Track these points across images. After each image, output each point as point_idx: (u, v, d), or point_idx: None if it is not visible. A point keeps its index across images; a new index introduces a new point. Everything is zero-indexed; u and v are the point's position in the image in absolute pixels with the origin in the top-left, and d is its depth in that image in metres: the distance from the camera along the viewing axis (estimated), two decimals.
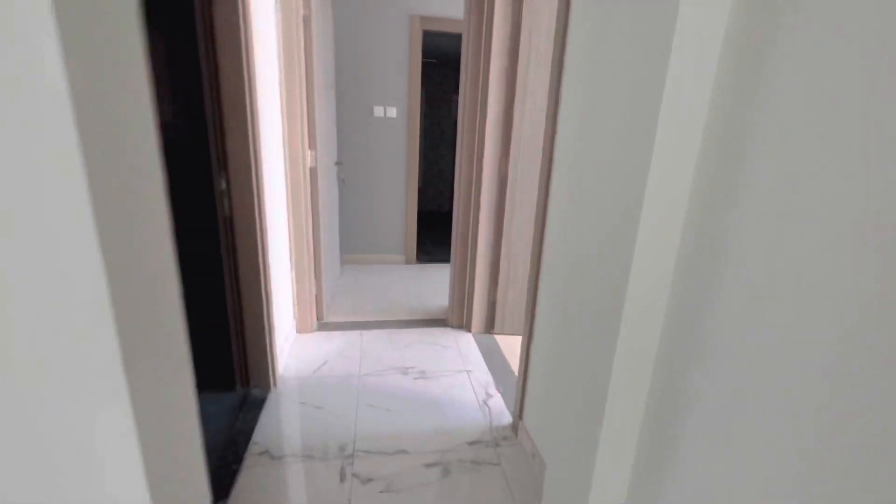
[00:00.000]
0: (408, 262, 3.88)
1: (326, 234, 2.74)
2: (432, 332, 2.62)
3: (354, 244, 3.78)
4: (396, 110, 3.52)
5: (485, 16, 2.19)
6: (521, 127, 2.28)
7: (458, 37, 4.41)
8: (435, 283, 3.46)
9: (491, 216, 2.45)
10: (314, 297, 2.54)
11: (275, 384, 1.99)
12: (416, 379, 2.11)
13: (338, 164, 3.09)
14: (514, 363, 2.30)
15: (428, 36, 3.93)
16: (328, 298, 2.86)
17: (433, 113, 6.17)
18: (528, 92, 2.23)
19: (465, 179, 2.45)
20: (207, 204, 1.76)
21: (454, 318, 2.69)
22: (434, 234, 5.09)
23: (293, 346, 2.37)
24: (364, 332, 2.57)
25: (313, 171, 2.40)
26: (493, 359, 2.34)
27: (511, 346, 2.49)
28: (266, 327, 1.91)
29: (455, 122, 6.17)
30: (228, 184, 1.70)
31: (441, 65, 5.92)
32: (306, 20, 2.17)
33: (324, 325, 2.62)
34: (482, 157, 2.35)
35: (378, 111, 3.49)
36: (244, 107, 1.61)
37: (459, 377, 2.14)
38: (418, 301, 3.07)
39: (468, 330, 2.65)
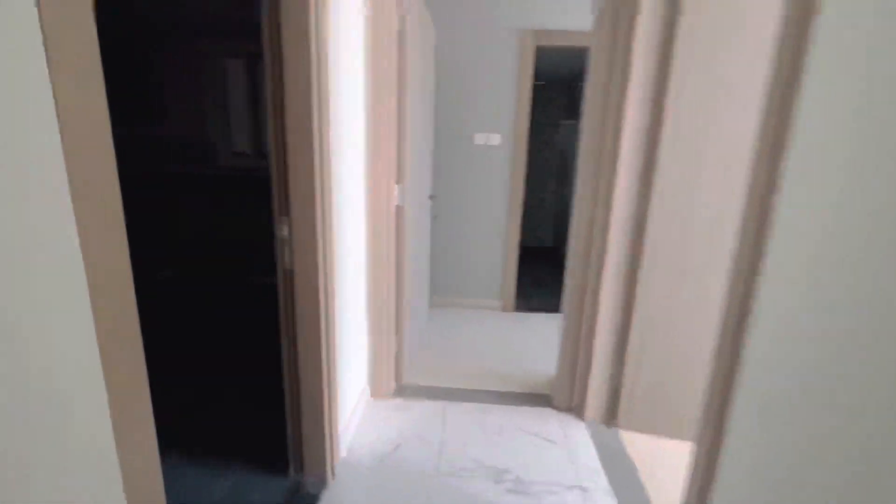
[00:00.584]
0: (504, 308, 3.37)
1: (413, 281, 2.37)
2: (533, 414, 2.05)
3: (445, 286, 3.39)
4: (500, 137, 3.10)
5: (623, 25, 1.66)
6: (670, 159, 1.67)
7: (572, 53, 3.90)
8: (536, 339, 2.89)
9: (620, 269, 1.84)
10: (393, 357, 2.15)
11: (333, 475, 1.60)
12: (509, 492, 1.56)
13: (431, 198, 2.74)
14: (654, 481, 1.63)
15: (537, 53, 3.48)
16: (410, 354, 2.46)
17: (536, 139, 5.68)
18: (683, 116, 1.62)
19: (584, 218, 1.90)
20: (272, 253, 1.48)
21: (562, 396, 2.10)
22: (533, 272, 4.51)
23: (364, 414, 1.99)
24: (449, 404, 2.10)
25: (399, 210, 2.05)
26: (619, 469, 1.70)
27: (647, 450, 1.81)
28: (325, 406, 1.55)
29: (561, 150, 5.58)
30: (291, 230, 1.39)
31: (546, 86, 5.43)
32: (401, 35, 1.86)
33: (402, 390, 2.22)
34: (611, 194, 1.78)
35: (479, 138, 3.11)
36: (311, 138, 1.29)
37: (570, 497, 1.55)
38: (516, 364, 2.53)
39: (580, 416, 2.03)
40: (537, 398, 2.19)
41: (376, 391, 2.13)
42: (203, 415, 1.99)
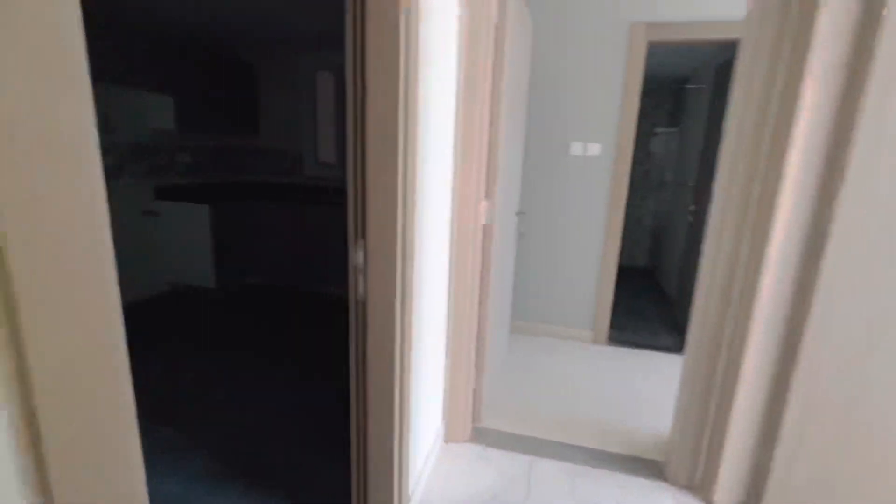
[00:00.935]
0: (596, 340, 2.95)
1: (496, 307, 2.09)
2: (639, 487, 1.66)
3: (528, 309, 3.06)
4: (600, 147, 2.72)
5: (794, 6, 1.25)
6: (864, 178, 1.22)
7: (681, 51, 3.40)
8: (637, 383, 2.45)
9: (777, 318, 1.41)
10: (471, 395, 1.89)
11: None
12: None
13: (519, 214, 2.45)
14: None
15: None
16: (489, 390, 2.18)
17: (635, 149, 5.13)
18: (890, 123, 1.17)
19: (725, 253, 1.49)
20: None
21: (680, 468, 1.68)
22: (627, 297, 3.99)
23: (438, 462, 1.75)
24: (534, 460, 1.78)
25: (487, 229, 1.79)
26: None
27: None
28: (395, 458, 1.32)
29: (657, 161, 4.97)
30: (367, 256, 1.19)
31: (644, 90, 4.86)
32: (498, 30, 1.61)
33: (480, 434, 1.94)
34: (769, 222, 1.36)
35: (576, 148, 2.76)
36: (395, 151, 1.08)
37: None
38: (614, 414, 2.13)
39: (706, 499, 1.60)
40: (644, 465, 1.79)
41: (451, 434, 1.88)
42: (264, 438, 1.88)
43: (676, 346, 2.92)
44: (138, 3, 2.93)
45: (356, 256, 1.19)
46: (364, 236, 1.17)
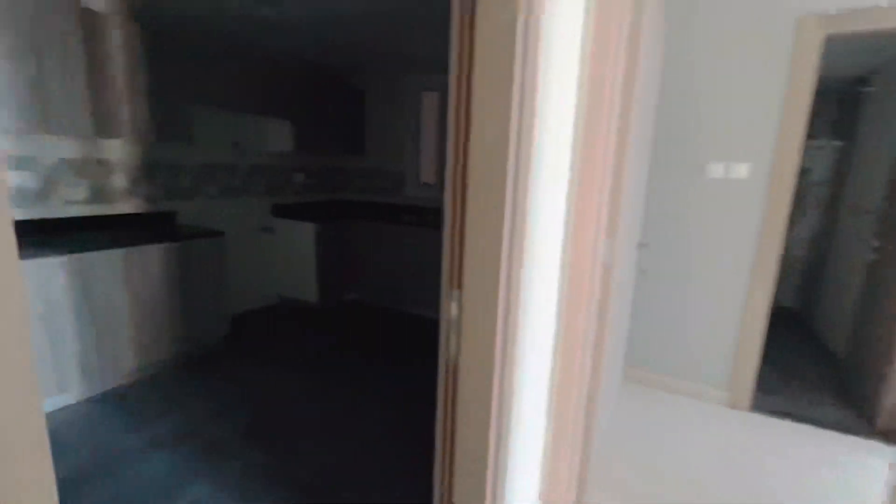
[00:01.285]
0: (735, 404, 2.39)
1: (611, 360, 1.76)
2: None
3: (647, 357, 2.61)
4: (749, 167, 2.23)
5: None
6: None
7: (862, 45, 2.68)
8: (793, 470, 1.89)
9: None
10: (576, 465, 1.58)
11: None
12: None
13: (641, 246, 2.08)
14: None
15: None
16: (597, 457, 1.83)
17: None
18: None
19: None
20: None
21: None
22: (774, 346, 3.24)
23: None
24: None
25: (606, 271, 1.49)
26: None
27: None
28: None
29: (815, 179, 4.05)
30: (462, 309, 0.99)
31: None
32: (633, 28, 1.33)
33: None
34: None
35: (715, 170, 2.29)
36: (503, 182, 0.87)
37: None
38: None
39: None
40: None
41: None
42: (346, 477, 1.77)
43: (850, 425, 2.24)
44: (262, 40, 3.18)
45: (449, 308, 1.00)
46: (460, 285, 0.98)
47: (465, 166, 0.91)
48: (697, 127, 2.30)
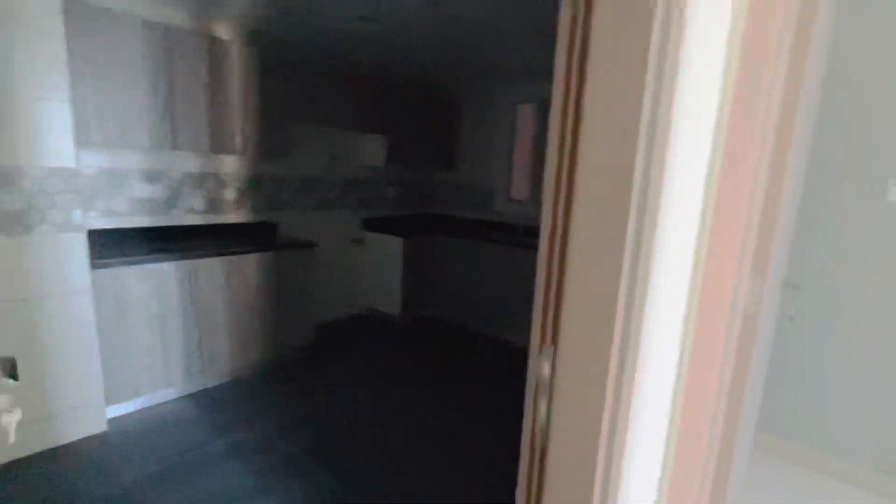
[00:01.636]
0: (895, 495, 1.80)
1: (745, 433, 1.39)
2: None
3: (781, 419, 2.10)
4: None
5: None
6: None
7: None
8: None
9: None
10: None
11: None
12: None
13: (790, 287, 1.65)
14: None
15: None
16: None
17: None
18: None
19: None
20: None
21: None
22: None
23: None
24: None
25: (749, 320, 1.16)
26: None
27: None
28: None
29: None
30: (555, 369, 0.78)
31: None
32: (802, 21, 1.01)
33: None
34: None
35: None
36: (624, 221, 0.65)
37: None
38: None
39: None
40: None
41: None
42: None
43: None
44: (358, 56, 3.26)
45: (541, 366, 0.80)
46: (555, 340, 0.77)
47: (570, 191, 0.71)
48: (873, 139, 1.80)
